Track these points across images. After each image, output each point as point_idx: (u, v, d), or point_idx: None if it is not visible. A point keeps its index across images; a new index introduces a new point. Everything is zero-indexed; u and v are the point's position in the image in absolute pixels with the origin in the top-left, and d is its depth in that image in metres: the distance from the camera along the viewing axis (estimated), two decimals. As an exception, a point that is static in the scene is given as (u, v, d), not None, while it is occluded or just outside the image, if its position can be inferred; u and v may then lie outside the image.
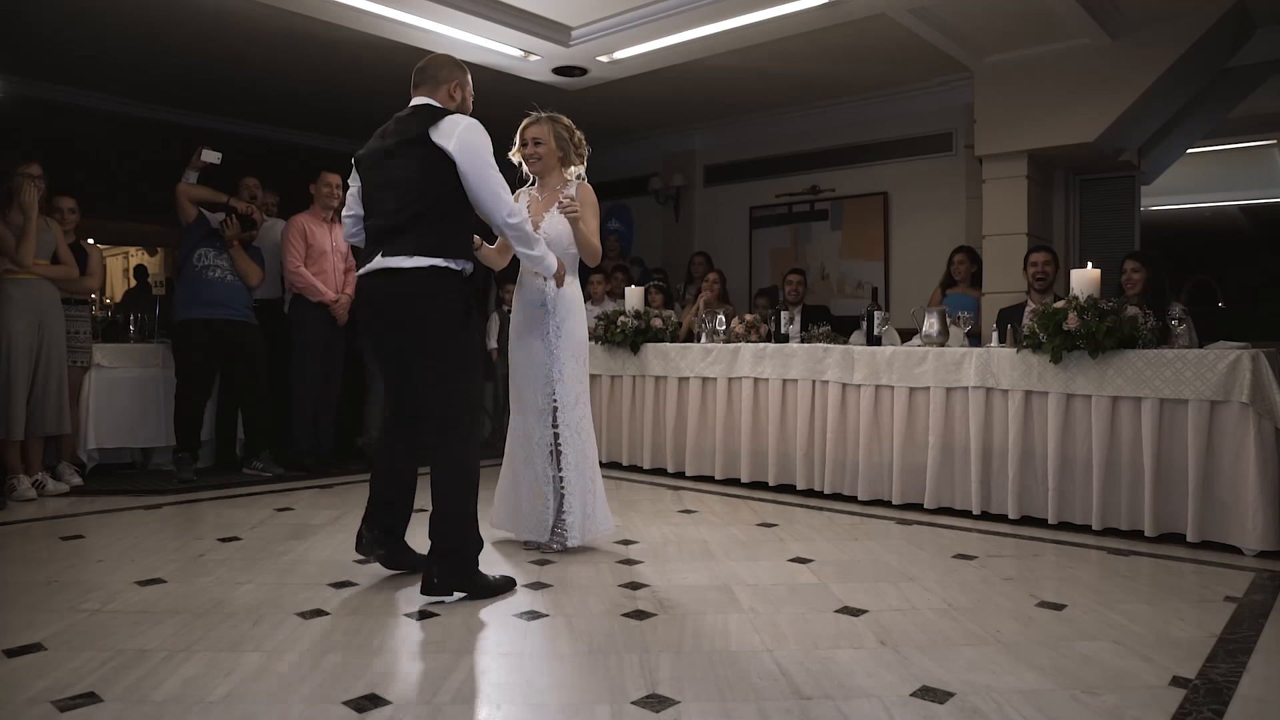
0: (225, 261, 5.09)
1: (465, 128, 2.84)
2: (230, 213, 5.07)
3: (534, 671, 2.22)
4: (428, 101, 2.99)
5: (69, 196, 4.92)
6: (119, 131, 7.57)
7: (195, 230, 5.07)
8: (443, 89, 3.02)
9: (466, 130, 2.83)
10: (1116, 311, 3.75)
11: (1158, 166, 7.08)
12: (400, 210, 2.84)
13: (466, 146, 2.82)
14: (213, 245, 5.07)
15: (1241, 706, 2.03)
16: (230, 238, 5.06)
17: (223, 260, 5.09)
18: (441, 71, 3.04)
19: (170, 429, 5.15)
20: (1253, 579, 3.13)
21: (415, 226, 2.83)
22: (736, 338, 5.19)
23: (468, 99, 3.10)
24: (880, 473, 4.46)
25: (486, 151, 2.87)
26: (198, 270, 5.04)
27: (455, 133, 2.82)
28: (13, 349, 4.41)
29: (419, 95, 3.02)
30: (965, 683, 2.14)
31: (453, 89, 3.03)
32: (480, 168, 2.84)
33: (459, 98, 3.05)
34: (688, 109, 7.85)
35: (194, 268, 5.04)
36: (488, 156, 2.87)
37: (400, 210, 2.84)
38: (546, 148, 3.47)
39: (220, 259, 5.08)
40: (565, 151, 3.51)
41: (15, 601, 2.75)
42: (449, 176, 2.83)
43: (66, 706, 1.96)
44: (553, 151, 3.49)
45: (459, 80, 3.06)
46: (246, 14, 5.46)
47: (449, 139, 2.81)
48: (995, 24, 5.47)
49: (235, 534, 3.73)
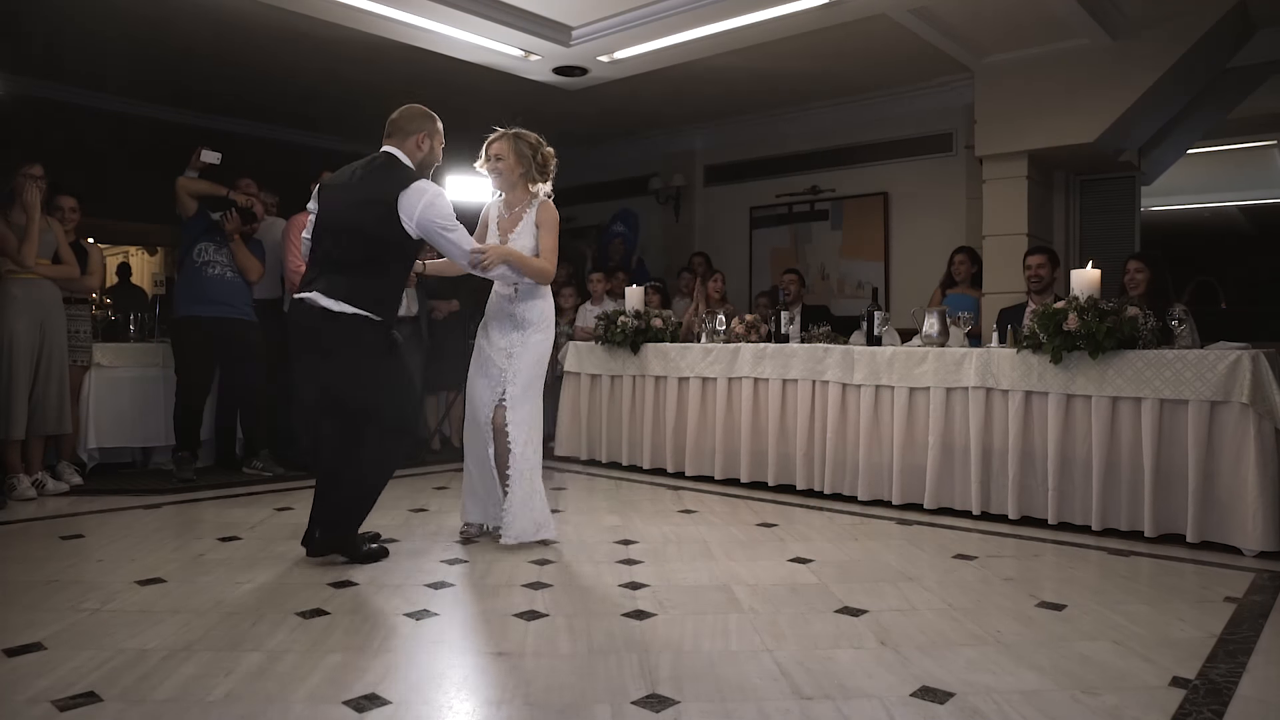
0: (225, 257, 5.08)
1: (425, 204, 3.08)
2: (230, 206, 5.06)
3: (534, 671, 2.22)
4: (394, 153, 3.21)
5: (70, 196, 4.92)
6: (119, 131, 7.56)
7: (195, 224, 5.05)
8: (410, 140, 3.24)
9: (427, 208, 3.08)
10: (1117, 312, 3.75)
11: (1158, 167, 7.09)
12: (346, 253, 3.10)
13: (425, 226, 3.10)
14: (213, 240, 5.05)
15: (1241, 707, 2.03)
16: (231, 231, 5.05)
17: (222, 256, 5.07)
18: (411, 124, 3.26)
19: (170, 428, 5.14)
20: (1253, 579, 3.13)
21: (355, 273, 3.09)
22: (736, 338, 5.19)
23: (436, 149, 3.32)
24: (880, 473, 4.46)
25: (446, 221, 3.13)
26: (198, 266, 5.01)
27: (418, 208, 3.07)
28: (14, 348, 4.41)
29: (388, 144, 3.24)
30: (965, 683, 2.14)
31: (420, 140, 3.25)
32: (440, 241, 3.15)
33: (426, 148, 3.27)
34: (688, 109, 7.85)
35: (194, 263, 5.02)
36: (447, 225, 3.13)
37: (346, 253, 3.10)
38: (507, 163, 3.53)
39: (220, 254, 5.06)
40: (527, 168, 3.55)
41: (15, 601, 2.75)
42: (400, 236, 3.10)
43: (66, 706, 1.96)
44: (513, 167, 3.54)
45: (427, 130, 3.27)
46: (247, 14, 5.45)
47: (411, 214, 3.07)
48: (995, 24, 5.47)
49: (235, 533, 3.73)
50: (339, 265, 3.11)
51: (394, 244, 3.13)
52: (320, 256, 3.18)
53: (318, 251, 3.20)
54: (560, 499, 4.60)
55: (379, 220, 3.08)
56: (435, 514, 4.22)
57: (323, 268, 3.14)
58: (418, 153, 3.25)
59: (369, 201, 3.10)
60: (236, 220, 5.05)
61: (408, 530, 3.84)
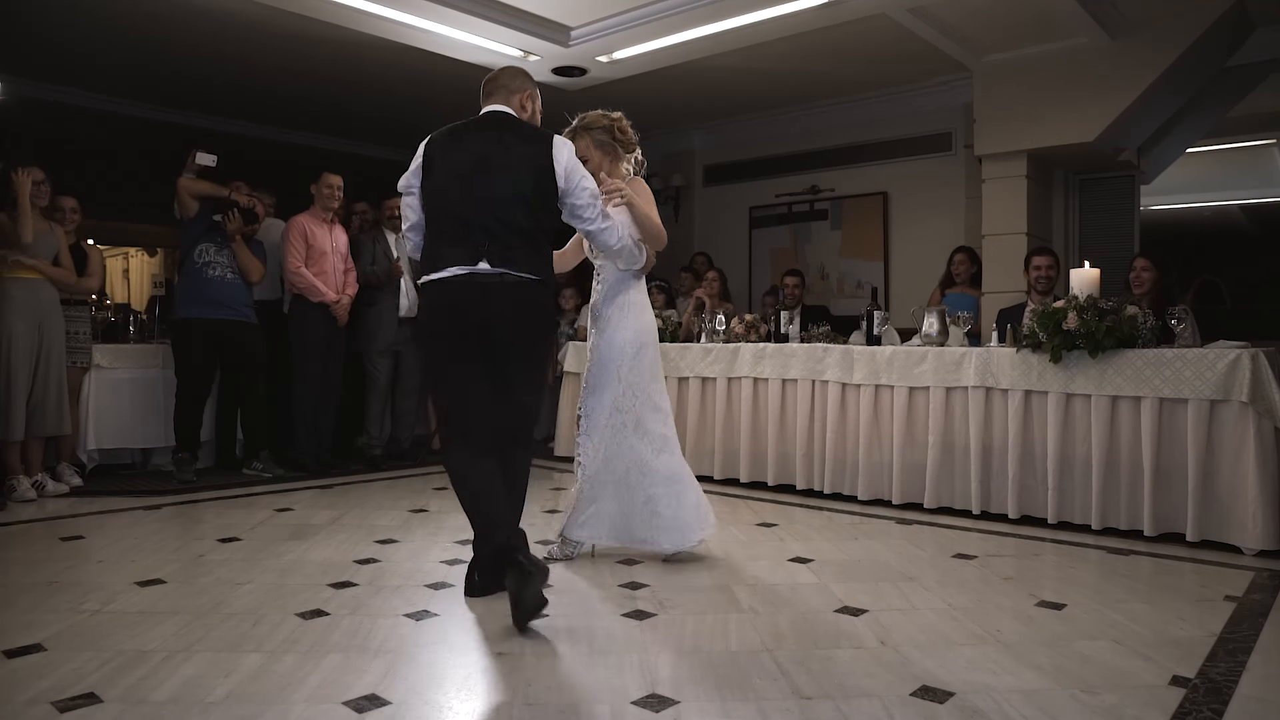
0: (226, 258, 5.07)
1: (570, 151, 2.93)
2: (232, 207, 5.05)
3: (534, 671, 2.22)
4: (508, 111, 2.96)
5: (70, 197, 4.92)
6: (119, 132, 7.57)
7: (196, 225, 5.04)
8: (515, 98, 3.00)
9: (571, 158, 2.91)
10: (1116, 311, 3.75)
11: (1157, 166, 7.08)
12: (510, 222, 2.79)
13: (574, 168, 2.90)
14: (214, 241, 5.04)
15: (1241, 705, 2.03)
16: (233, 232, 5.04)
17: (223, 257, 5.06)
18: (514, 81, 3.03)
19: (170, 429, 5.15)
20: (1252, 578, 3.13)
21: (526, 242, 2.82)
22: (736, 338, 5.19)
23: (537, 112, 3.09)
24: (880, 472, 4.46)
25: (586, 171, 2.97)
26: (198, 267, 5.01)
27: (566, 150, 2.90)
28: (12, 350, 4.41)
29: (493, 104, 2.98)
30: (965, 682, 2.14)
31: (524, 99, 3.02)
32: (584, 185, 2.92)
33: (530, 110, 3.04)
34: (687, 109, 7.85)
35: (195, 265, 5.01)
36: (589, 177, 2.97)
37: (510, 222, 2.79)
38: (594, 162, 3.28)
39: (221, 255, 5.06)
40: (613, 151, 3.33)
41: (15, 602, 2.75)
42: (554, 197, 2.89)
43: (66, 707, 1.96)
44: (602, 160, 3.31)
45: (530, 91, 3.05)
46: (247, 14, 5.45)
47: (563, 156, 2.88)
48: (994, 23, 5.47)
49: (235, 534, 3.73)
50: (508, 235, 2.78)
51: (552, 207, 2.91)
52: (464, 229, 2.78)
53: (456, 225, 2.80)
54: (560, 499, 4.59)
55: (540, 178, 2.82)
56: (435, 514, 4.22)
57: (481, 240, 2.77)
58: (524, 112, 3.01)
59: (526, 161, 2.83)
60: (239, 221, 5.04)
61: (408, 530, 3.84)
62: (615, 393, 3.27)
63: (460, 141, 2.90)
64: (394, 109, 7.62)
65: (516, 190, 2.81)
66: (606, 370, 3.29)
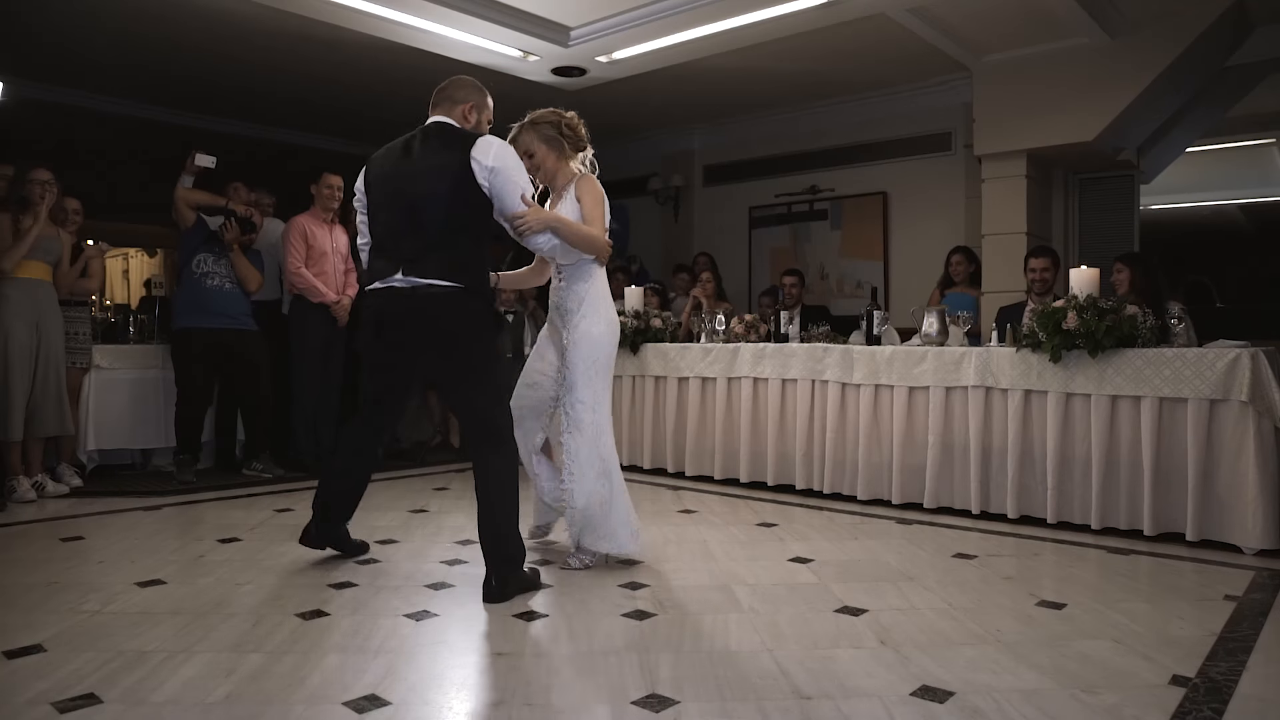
0: (224, 267, 5.07)
1: (498, 150, 2.88)
2: (229, 216, 5.05)
3: (534, 672, 2.22)
4: (448, 121, 3.00)
5: (73, 199, 4.93)
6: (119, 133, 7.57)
7: (194, 235, 5.05)
8: (458, 109, 3.03)
9: (500, 152, 2.88)
10: (1116, 310, 3.75)
11: (1157, 165, 7.09)
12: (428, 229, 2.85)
13: (499, 168, 2.86)
14: (212, 251, 5.05)
15: (1241, 705, 2.03)
16: (230, 241, 5.04)
17: (221, 266, 5.07)
18: (459, 92, 3.05)
19: (169, 430, 5.15)
20: (1252, 578, 3.13)
21: (444, 248, 2.84)
22: (736, 338, 5.19)
23: (483, 124, 3.09)
24: (880, 472, 4.46)
25: (519, 171, 2.94)
26: (196, 277, 5.02)
27: (490, 153, 2.86)
28: (10, 350, 4.41)
29: (436, 114, 3.03)
30: (965, 682, 2.14)
31: (468, 110, 3.04)
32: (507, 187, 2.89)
33: (474, 120, 3.05)
34: (687, 109, 7.86)
35: (193, 274, 5.02)
36: (518, 175, 2.93)
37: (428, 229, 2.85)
38: (540, 155, 3.27)
39: (219, 265, 5.06)
40: (560, 148, 3.28)
41: (15, 603, 2.75)
42: (480, 200, 2.88)
43: (66, 708, 1.96)
44: (547, 155, 3.27)
45: (475, 102, 3.06)
46: (247, 15, 5.46)
47: (485, 159, 2.84)
48: (994, 23, 5.48)
49: (235, 535, 3.73)
50: (423, 243, 2.84)
51: (476, 209, 2.89)
52: (391, 240, 2.91)
53: (385, 236, 2.93)
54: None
55: (458, 183, 2.84)
56: (435, 514, 4.22)
57: (401, 250, 2.86)
58: (466, 123, 3.03)
59: (442, 166, 2.86)
60: (236, 230, 5.05)
61: (408, 531, 3.84)
62: (596, 388, 3.21)
63: (391, 154, 3.00)
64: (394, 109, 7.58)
65: (432, 197, 2.86)
66: (582, 366, 3.20)
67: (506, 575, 2.84)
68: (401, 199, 2.91)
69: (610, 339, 3.25)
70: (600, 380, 3.21)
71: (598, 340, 3.20)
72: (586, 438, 3.15)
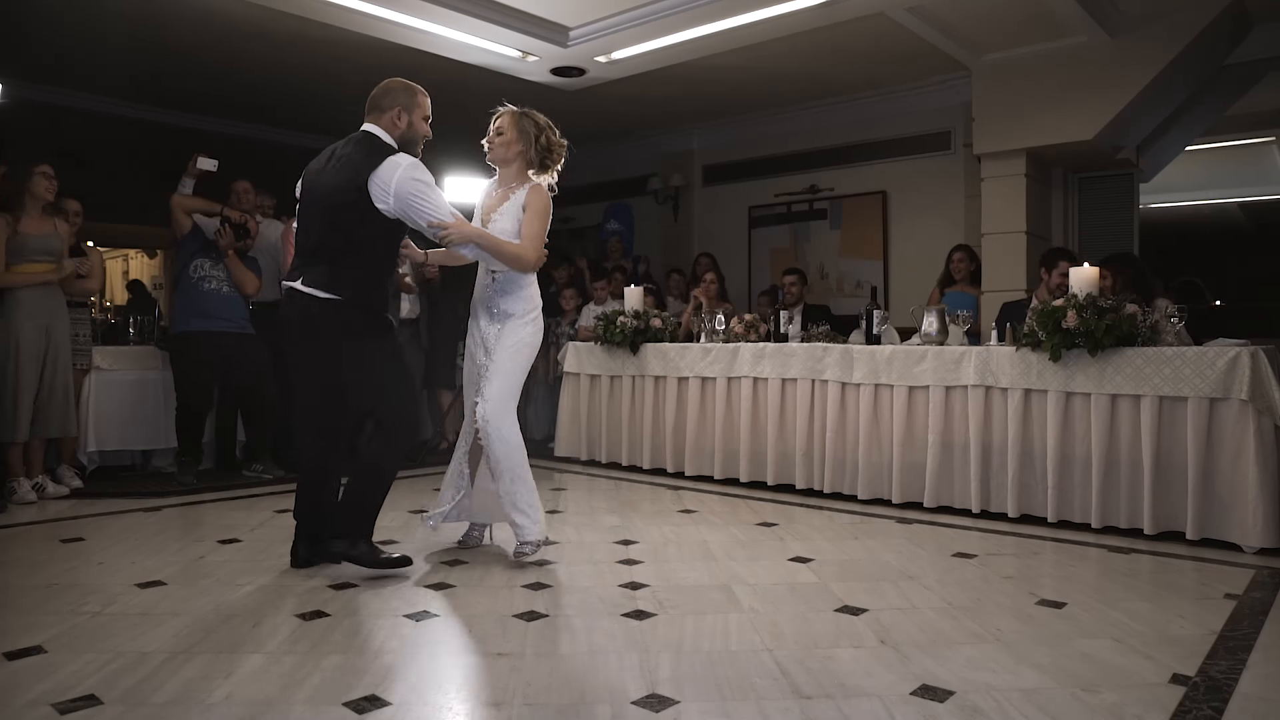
0: (221, 271, 5.08)
1: (401, 173, 2.92)
2: (225, 222, 5.06)
3: (534, 671, 2.22)
4: (372, 131, 3.04)
5: (74, 200, 4.93)
6: (119, 134, 7.57)
7: (191, 242, 5.05)
8: (386, 116, 3.05)
9: (403, 176, 2.92)
10: (1116, 309, 3.75)
11: (1156, 164, 7.09)
12: (324, 239, 2.99)
13: (402, 194, 2.92)
14: (209, 256, 5.06)
15: (1241, 704, 2.03)
16: (225, 247, 5.05)
17: (219, 270, 5.07)
18: (385, 99, 3.06)
19: (169, 431, 5.16)
20: (1253, 576, 3.13)
21: (335, 261, 2.97)
22: (736, 337, 5.19)
23: (416, 124, 3.10)
24: (880, 472, 4.46)
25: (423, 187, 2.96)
26: (194, 281, 5.03)
27: (394, 179, 2.91)
28: (20, 351, 4.42)
29: (367, 122, 3.08)
30: (965, 681, 2.14)
31: (396, 115, 3.05)
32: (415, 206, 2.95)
33: (404, 123, 3.06)
34: (686, 109, 7.85)
35: (190, 279, 5.03)
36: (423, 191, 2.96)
37: (324, 239, 2.99)
38: (506, 139, 3.29)
39: (216, 269, 5.07)
40: (527, 147, 3.29)
41: (15, 604, 2.75)
42: (375, 219, 2.95)
43: (67, 709, 1.96)
44: (512, 143, 3.28)
45: (402, 104, 3.06)
46: (245, 17, 5.45)
47: (388, 187, 2.91)
48: (993, 22, 5.48)
49: (235, 536, 3.73)
50: (319, 253, 3.00)
51: (370, 227, 2.96)
52: (302, 244, 3.08)
53: (301, 239, 3.10)
54: (560, 499, 4.60)
55: (351, 204, 2.93)
56: (435, 515, 4.21)
57: (305, 257, 3.05)
58: (395, 129, 3.05)
59: (341, 186, 2.95)
60: (230, 236, 5.05)
61: (408, 531, 3.84)
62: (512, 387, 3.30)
63: (320, 159, 3.12)
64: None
65: (327, 209, 2.98)
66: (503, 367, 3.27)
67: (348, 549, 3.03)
68: (310, 206, 3.06)
69: (534, 343, 3.35)
70: (515, 380, 3.30)
71: (523, 343, 3.31)
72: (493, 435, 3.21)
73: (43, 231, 4.56)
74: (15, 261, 4.46)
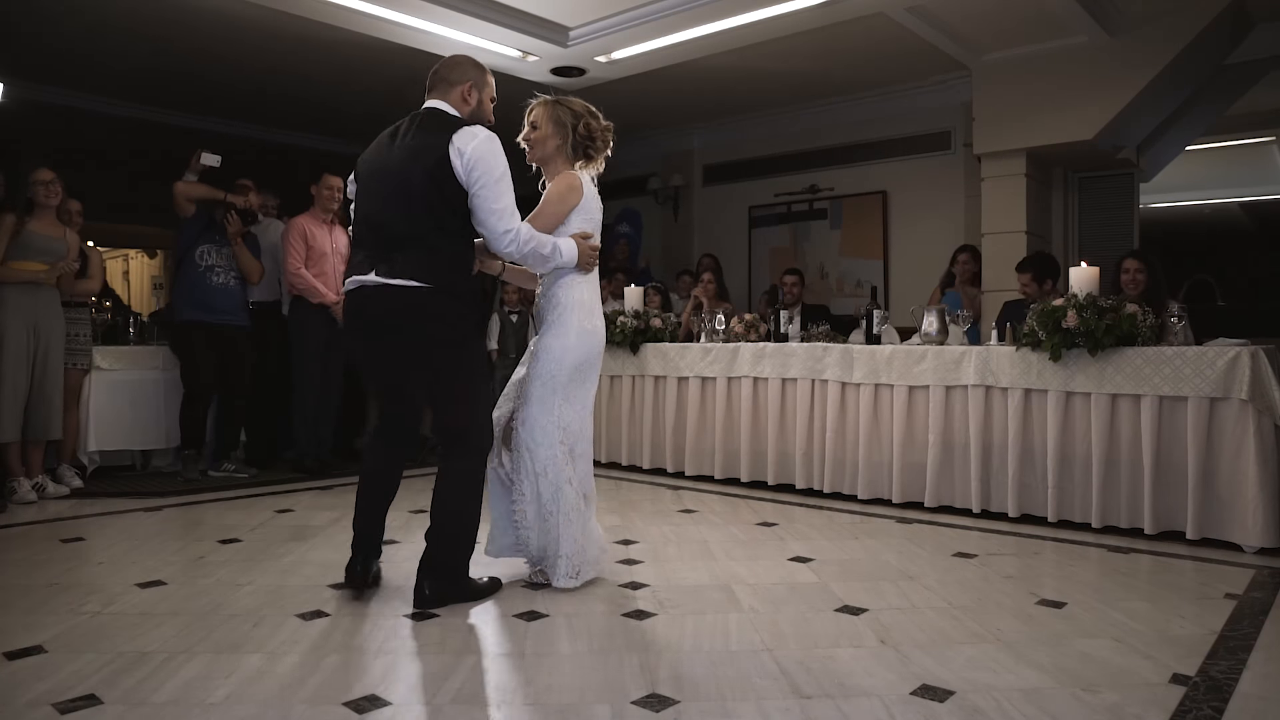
0: (226, 259, 5.10)
1: (480, 142, 2.62)
2: (229, 209, 5.07)
3: (534, 671, 2.22)
4: (440, 106, 2.77)
5: (75, 200, 4.93)
6: (119, 134, 7.57)
7: (194, 224, 5.06)
8: (456, 91, 2.77)
9: (481, 146, 2.62)
10: (1116, 309, 3.75)
11: (1156, 164, 7.08)
12: (401, 224, 2.65)
13: (474, 164, 2.61)
14: (212, 242, 5.07)
15: (1242, 704, 2.03)
16: (233, 234, 5.07)
17: (224, 259, 5.10)
18: (454, 73, 2.79)
19: (170, 431, 5.17)
20: (1253, 576, 3.13)
21: (416, 246, 2.64)
22: (736, 337, 5.19)
23: (486, 104, 2.85)
24: (880, 471, 4.46)
25: (498, 169, 2.64)
26: (201, 271, 5.04)
27: (470, 146, 2.61)
28: (6, 351, 4.41)
29: (432, 99, 2.79)
30: (965, 681, 2.14)
31: (467, 91, 2.78)
32: (483, 187, 2.63)
33: (474, 101, 2.80)
34: (686, 109, 7.85)
35: (196, 267, 5.04)
36: (500, 171, 2.65)
37: (401, 224, 2.65)
38: (541, 133, 2.96)
39: (222, 257, 5.09)
40: (564, 139, 2.95)
41: (16, 604, 2.75)
42: (456, 190, 2.64)
43: (67, 709, 1.96)
44: (548, 138, 2.95)
45: (474, 80, 2.80)
46: (246, 17, 5.46)
47: (464, 151, 2.60)
48: (993, 22, 5.47)
49: (235, 535, 3.73)
50: (396, 240, 2.65)
51: (454, 203, 2.65)
52: (369, 235, 2.71)
53: (364, 230, 2.74)
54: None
55: (433, 175, 2.60)
56: (435, 515, 4.21)
57: (375, 247, 2.68)
58: (465, 106, 2.77)
59: (419, 153, 2.63)
60: (238, 222, 5.07)
61: (408, 531, 3.84)
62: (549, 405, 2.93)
63: (379, 145, 2.79)
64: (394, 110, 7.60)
65: (404, 189, 2.64)
66: (538, 382, 2.94)
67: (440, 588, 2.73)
68: (379, 191, 2.71)
69: (575, 355, 2.93)
70: (558, 396, 2.93)
71: (558, 356, 2.93)
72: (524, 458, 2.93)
73: (49, 234, 4.57)
74: (15, 257, 4.45)
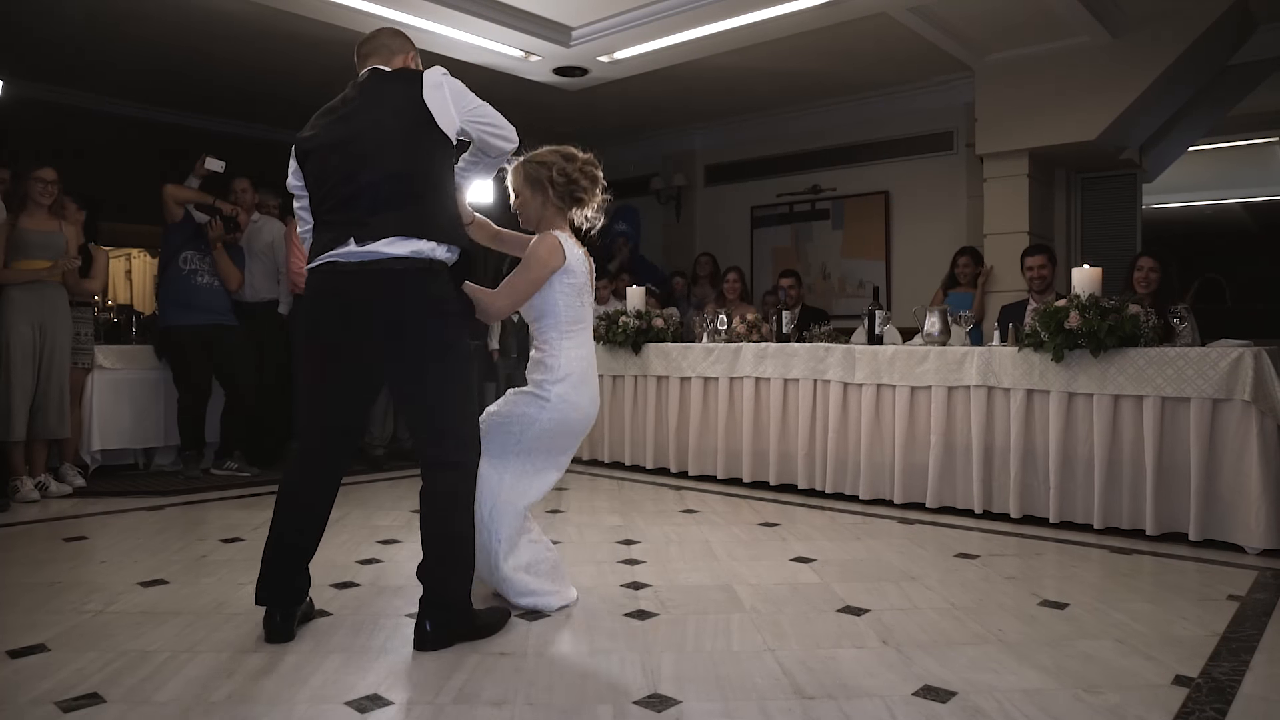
0: (209, 264, 5.14)
1: (453, 87, 2.46)
2: (215, 214, 5.10)
3: (535, 671, 2.22)
4: (379, 67, 2.59)
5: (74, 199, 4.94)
6: (120, 133, 7.58)
7: (181, 229, 5.10)
8: (398, 59, 2.62)
9: (448, 83, 2.46)
10: (1118, 310, 3.75)
11: (1159, 164, 7.07)
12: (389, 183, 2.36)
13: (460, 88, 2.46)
14: (197, 248, 5.12)
15: (1244, 705, 2.03)
16: (214, 240, 5.10)
17: (207, 263, 5.14)
18: (395, 40, 2.66)
19: (172, 430, 5.19)
20: (1255, 577, 3.13)
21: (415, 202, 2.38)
22: (738, 337, 5.19)
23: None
24: (882, 472, 4.46)
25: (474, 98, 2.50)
26: (184, 274, 5.08)
27: (445, 79, 2.45)
28: (13, 350, 4.42)
29: (372, 63, 2.61)
30: (967, 682, 2.14)
31: (409, 60, 2.64)
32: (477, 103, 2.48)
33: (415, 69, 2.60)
34: (688, 109, 7.86)
35: (180, 271, 5.09)
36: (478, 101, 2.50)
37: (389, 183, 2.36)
38: (522, 199, 2.74)
39: (205, 261, 5.13)
40: (545, 194, 2.69)
41: (18, 603, 2.76)
42: (438, 137, 2.41)
43: (70, 707, 1.97)
44: (529, 200, 2.72)
45: (413, 53, 2.67)
46: (247, 17, 5.47)
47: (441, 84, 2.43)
48: (996, 22, 5.47)
49: (238, 534, 3.73)
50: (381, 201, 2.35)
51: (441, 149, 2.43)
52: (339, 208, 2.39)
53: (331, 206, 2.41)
54: (562, 499, 4.60)
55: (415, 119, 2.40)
56: (437, 515, 4.21)
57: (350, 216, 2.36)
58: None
59: (388, 102, 2.44)
60: (220, 228, 5.11)
61: (410, 530, 3.84)
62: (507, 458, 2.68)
63: (326, 124, 2.52)
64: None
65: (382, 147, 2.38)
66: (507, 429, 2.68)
67: (443, 622, 2.36)
68: (344, 163, 2.41)
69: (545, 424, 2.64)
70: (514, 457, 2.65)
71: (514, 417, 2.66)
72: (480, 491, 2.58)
73: (44, 229, 4.57)
74: (14, 258, 4.46)
